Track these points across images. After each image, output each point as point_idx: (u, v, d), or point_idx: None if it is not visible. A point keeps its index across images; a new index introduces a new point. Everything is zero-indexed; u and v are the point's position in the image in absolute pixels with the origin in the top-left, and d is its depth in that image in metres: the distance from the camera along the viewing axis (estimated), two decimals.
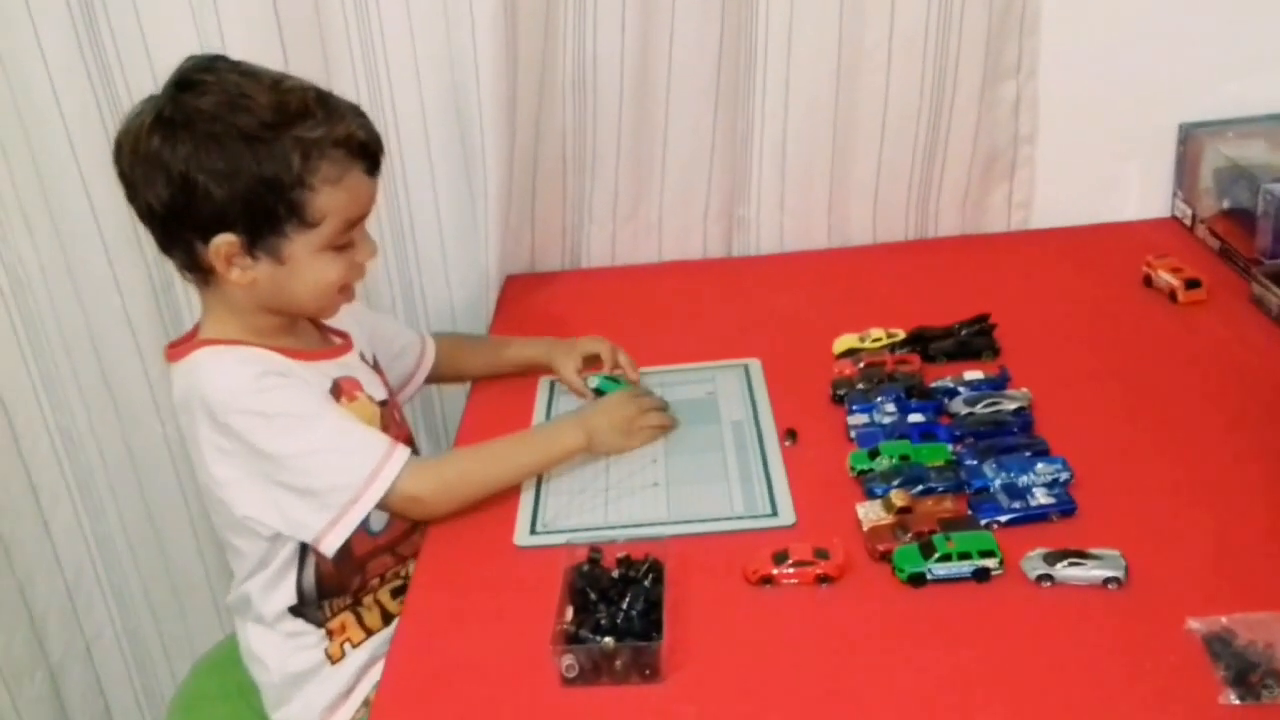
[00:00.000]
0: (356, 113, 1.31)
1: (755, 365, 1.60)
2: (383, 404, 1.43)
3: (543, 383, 1.63)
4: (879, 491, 1.28)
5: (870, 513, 1.25)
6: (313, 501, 1.29)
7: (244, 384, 1.28)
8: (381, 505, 1.31)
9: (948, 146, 1.86)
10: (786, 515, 1.29)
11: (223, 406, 1.27)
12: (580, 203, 1.94)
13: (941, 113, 1.83)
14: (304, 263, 1.29)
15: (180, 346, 1.35)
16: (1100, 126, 1.88)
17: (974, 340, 1.56)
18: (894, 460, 1.32)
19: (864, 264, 1.90)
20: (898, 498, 1.25)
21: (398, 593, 1.42)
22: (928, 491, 1.27)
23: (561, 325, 1.69)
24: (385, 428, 1.41)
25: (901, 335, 1.59)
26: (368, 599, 1.41)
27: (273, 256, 1.27)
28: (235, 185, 1.23)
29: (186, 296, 1.80)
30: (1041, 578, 1.14)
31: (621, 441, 1.43)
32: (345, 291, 1.36)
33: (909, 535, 1.20)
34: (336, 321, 1.43)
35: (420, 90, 1.80)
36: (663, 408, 1.49)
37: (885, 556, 1.19)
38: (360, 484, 1.29)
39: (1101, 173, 1.92)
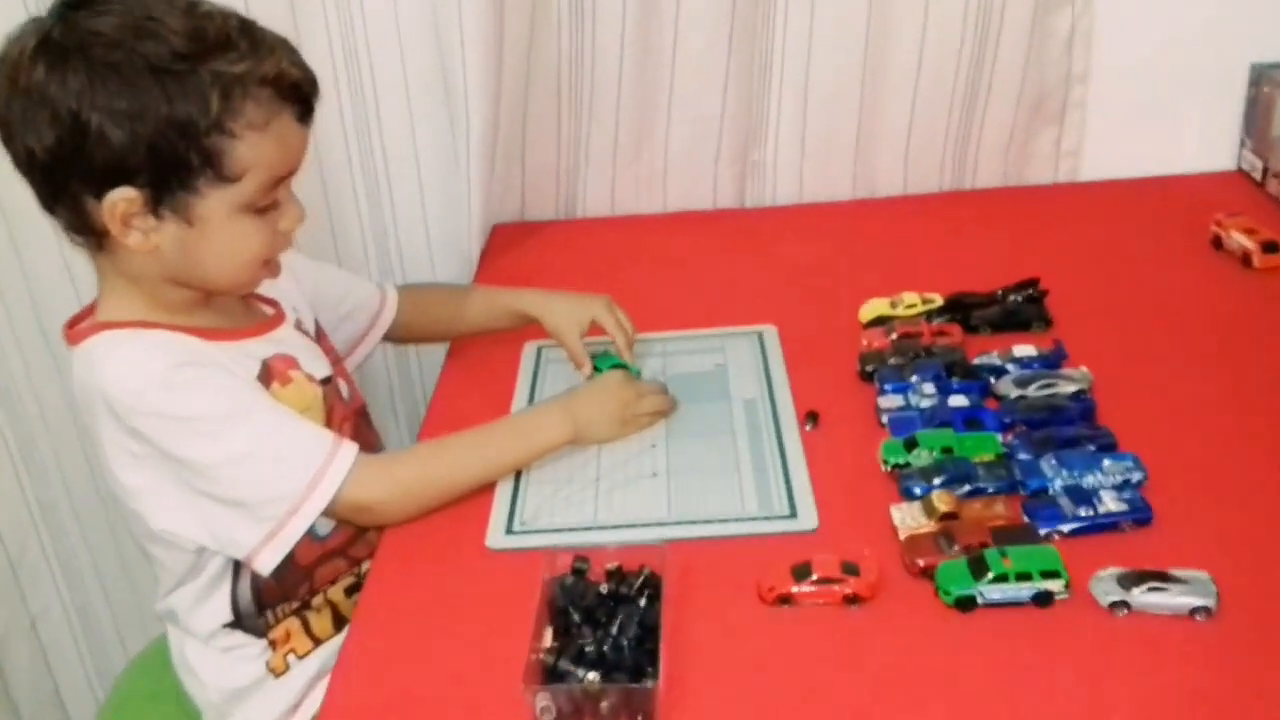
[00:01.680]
0: (287, 47, 1.13)
1: (771, 333, 1.46)
2: (325, 382, 1.26)
3: (528, 348, 1.48)
4: (918, 492, 1.12)
5: (908, 517, 1.09)
6: (244, 514, 1.12)
7: (153, 380, 1.10)
8: (326, 514, 1.15)
9: (991, 84, 1.73)
10: (808, 518, 1.12)
11: (128, 409, 1.10)
12: (576, 144, 1.81)
13: (986, 45, 1.69)
14: (218, 226, 1.10)
15: (78, 327, 1.17)
16: (1161, 65, 1.74)
17: (1022, 309, 1.42)
18: (935, 454, 1.15)
19: (894, 217, 1.77)
20: (941, 501, 1.08)
21: (352, 590, 1.26)
22: (976, 492, 1.11)
23: (553, 281, 1.55)
24: (329, 411, 1.24)
25: (939, 301, 1.45)
26: (317, 599, 1.26)
27: (181, 217, 1.09)
28: (138, 128, 1.04)
29: None
30: (1116, 605, 0.97)
31: (614, 431, 1.27)
32: (269, 266, 1.18)
33: (956, 548, 1.03)
34: (268, 284, 1.25)
35: (396, 14, 1.66)
36: (661, 390, 1.33)
37: (927, 573, 1.03)
38: (299, 493, 1.12)
39: (1160, 118, 1.79)
